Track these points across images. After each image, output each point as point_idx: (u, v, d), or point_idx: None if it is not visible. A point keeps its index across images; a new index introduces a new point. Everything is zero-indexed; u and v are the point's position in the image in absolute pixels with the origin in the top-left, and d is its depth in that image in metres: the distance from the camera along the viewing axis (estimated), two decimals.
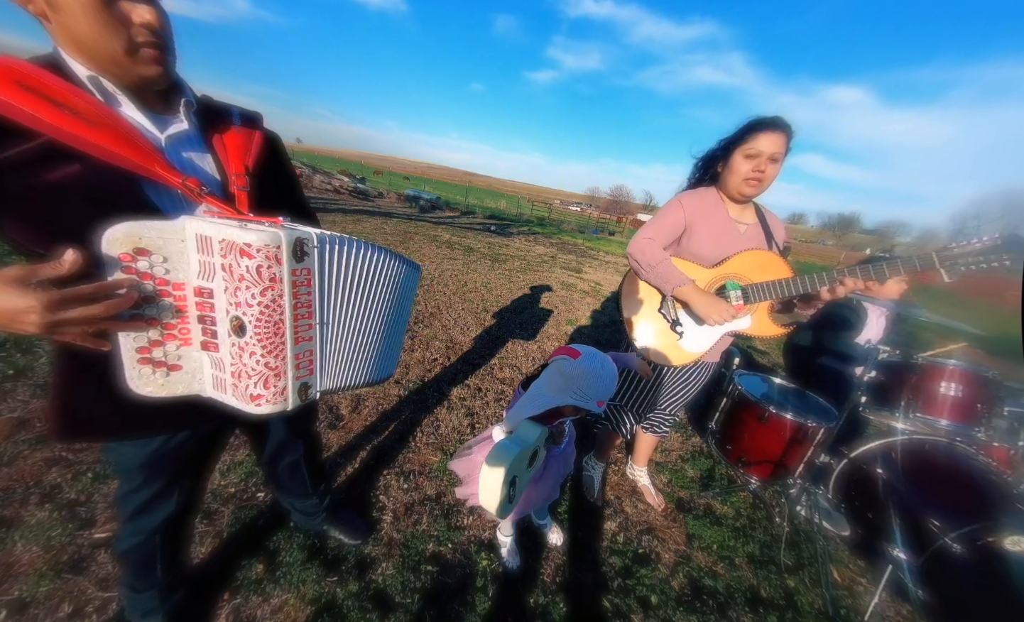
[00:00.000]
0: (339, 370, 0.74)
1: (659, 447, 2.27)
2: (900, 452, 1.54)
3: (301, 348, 0.66)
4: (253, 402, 0.62)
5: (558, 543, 1.48)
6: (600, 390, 1.00)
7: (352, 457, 1.73)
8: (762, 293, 1.21)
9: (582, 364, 1.00)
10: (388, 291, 0.77)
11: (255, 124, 0.78)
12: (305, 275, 0.62)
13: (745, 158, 1.19)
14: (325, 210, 8.82)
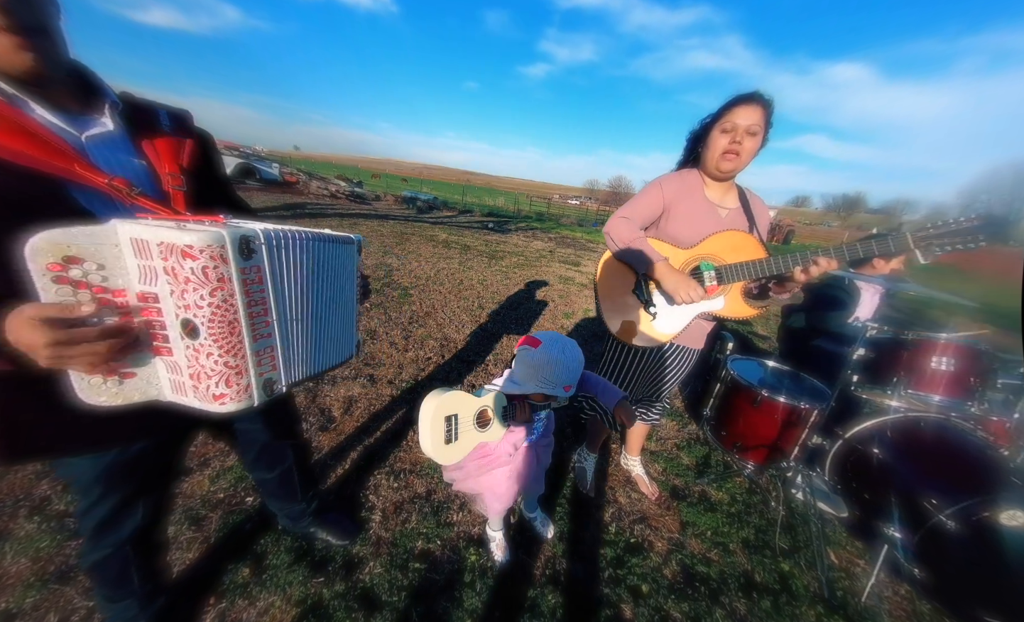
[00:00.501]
0: (302, 360, 0.74)
1: (653, 436, 2.25)
2: (894, 430, 1.51)
3: (261, 345, 0.65)
4: (217, 401, 0.61)
5: (549, 536, 1.47)
6: (564, 376, 1.02)
7: (343, 458, 1.73)
8: (735, 274, 1.20)
9: (542, 352, 1.02)
10: (336, 275, 0.79)
11: (185, 123, 0.77)
12: (255, 272, 0.62)
13: (722, 133, 1.17)
14: (322, 215, 8.85)
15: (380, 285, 4.35)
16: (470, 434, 1.05)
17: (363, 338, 0.97)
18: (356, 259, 0.87)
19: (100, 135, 0.64)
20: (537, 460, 1.29)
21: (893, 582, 1.46)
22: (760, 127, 1.14)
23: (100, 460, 0.73)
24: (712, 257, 1.24)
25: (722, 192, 1.29)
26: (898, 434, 1.51)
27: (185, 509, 1.37)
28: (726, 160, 1.17)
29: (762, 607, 1.32)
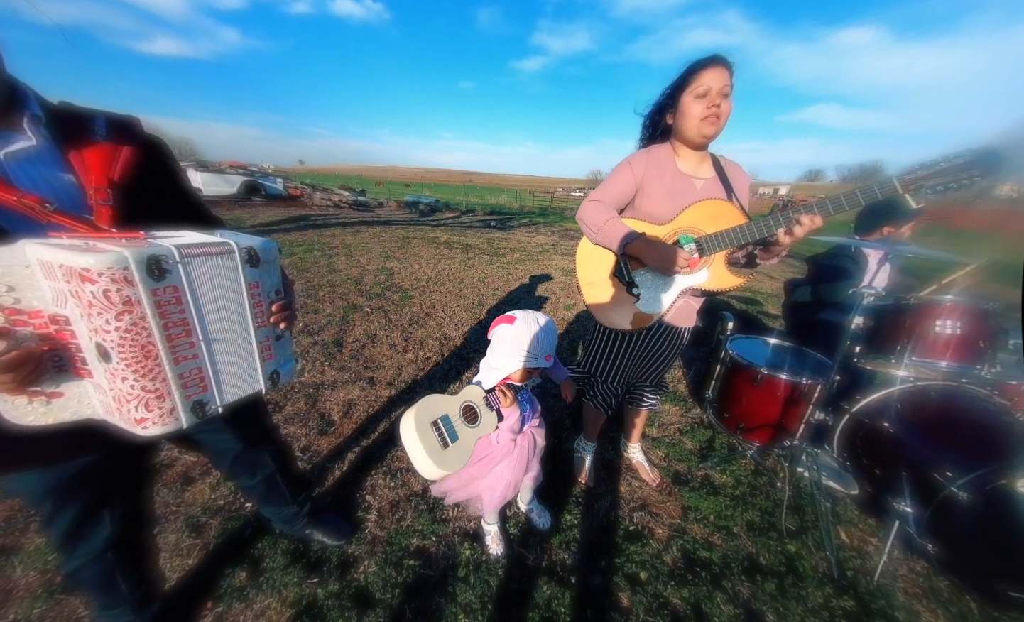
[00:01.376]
0: (239, 378, 0.73)
1: (655, 422, 2.21)
2: (903, 401, 1.44)
3: (185, 367, 0.64)
4: (139, 425, 0.61)
5: (545, 526, 1.46)
6: (542, 345, 1.04)
7: (341, 461, 1.75)
8: (716, 243, 1.15)
9: (521, 327, 1.04)
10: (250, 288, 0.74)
11: (127, 130, 0.74)
12: (171, 293, 0.60)
13: (696, 99, 1.12)
14: (326, 225, 8.97)
15: (381, 289, 4.39)
16: (465, 432, 1.02)
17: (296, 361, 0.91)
18: (247, 268, 0.74)
19: (20, 151, 0.62)
20: (534, 444, 1.27)
21: (908, 559, 1.40)
22: (730, 89, 1.10)
23: (44, 476, 0.73)
24: (691, 229, 1.20)
25: (696, 162, 1.24)
26: (907, 405, 1.44)
27: (186, 517, 1.40)
28: (708, 124, 1.12)
29: (766, 590, 1.28)
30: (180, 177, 0.86)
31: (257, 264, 0.75)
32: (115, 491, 0.85)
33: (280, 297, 0.83)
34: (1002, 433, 1.24)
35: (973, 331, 1.36)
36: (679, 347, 1.48)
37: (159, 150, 0.81)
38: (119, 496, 0.86)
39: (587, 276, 1.36)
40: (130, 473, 0.88)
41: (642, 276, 1.26)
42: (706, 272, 1.20)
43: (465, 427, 1.02)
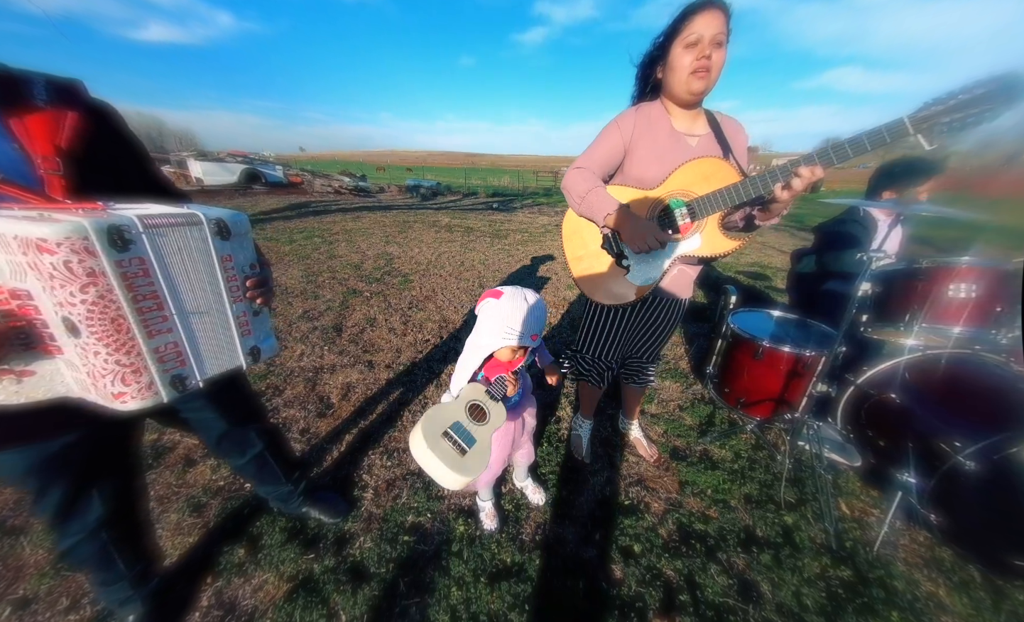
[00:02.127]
0: (219, 353, 0.71)
1: (654, 397, 2.18)
2: (912, 370, 1.38)
3: (160, 341, 0.62)
4: (117, 400, 0.60)
5: (540, 502, 1.46)
6: (529, 324, 1.00)
7: (339, 442, 1.77)
8: (709, 205, 1.07)
9: (505, 302, 0.99)
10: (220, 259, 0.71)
11: (71, 94, 0.69)
12: (138, 265, 0.58)
13: (685, 48, 1.02)
14: (326, 212, 8.91)
15: (381, 274, 4.37)
16: (479, 431, 1.00)
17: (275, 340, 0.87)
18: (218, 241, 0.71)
19: None
20: (523, 424, 1.26)
21: (909, 529, 1.37)
22: (725, 36, 1.00)
23: (25, 455, 0.74)
24: (682, 192, 1.12)
25: (690, 119, 1.16)
26: (916, 374, 1.38)
27: (188, 497, 1.43)
28: (697, 79, 1.03)
29: (762, 561, 1.27)
30: (136, 147, 0.82)
31: (228, 236, 0.73)
32: (102, 469, 0.85)
33: (255, 272, 0.81)
34: (1016, 401, 1.18)
35: (991, 294, 1.29)
36: (676, 319, 1.43)
37: (109, 116, 0.76)
38: (107, 474, 0.87)
39: (574, 250, 1.30)
40: (116, 451, 0.89)
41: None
42: (699, 237, 1.13)
43: (477, 427, 1.00)
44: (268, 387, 2.14)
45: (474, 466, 0.93)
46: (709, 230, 1.12)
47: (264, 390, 2.11)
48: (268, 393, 2.09)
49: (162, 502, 1.41)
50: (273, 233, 6.10)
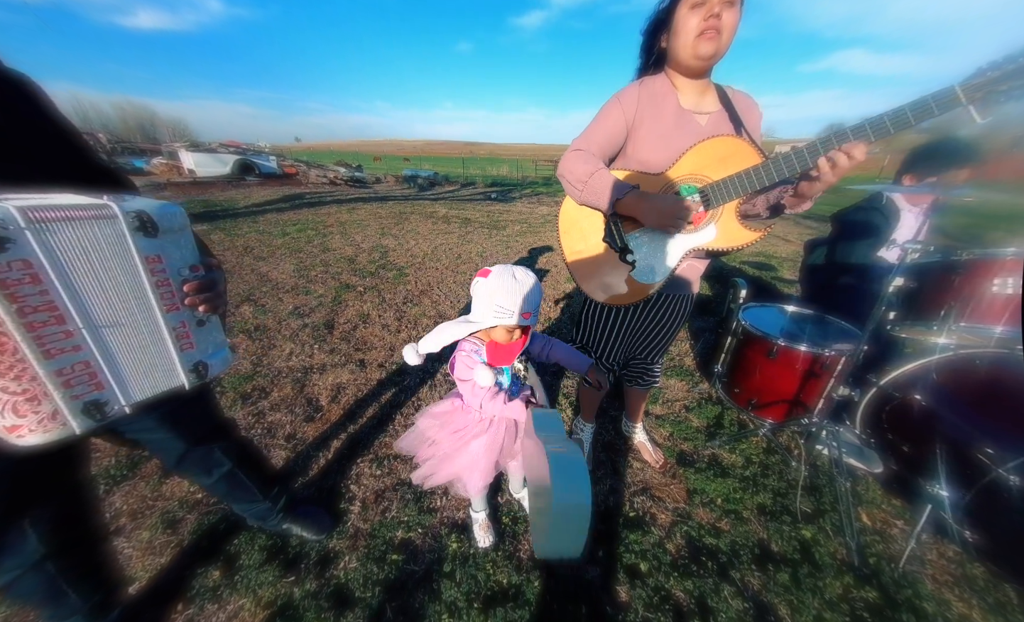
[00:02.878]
0: (150, 372, 0.60)
1: (659, 397, 2.08)
2: (942, 372, 1.27)
3: (64, 361, 0.51)
4: (12, 434, 0.49)
5: None
6: (520, 301, 0.91)
7: (326, 448, 1.67)
8: (727, 191, 0.94)
9: (493, 280, 0.92)
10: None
11: None
12: (21, 270, 0.47)
13: (692, 9, 0.89)
14: (321, 203, 8.73)
15: (375, 268, 4.25)
16: None
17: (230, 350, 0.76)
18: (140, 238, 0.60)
19: None
20: (515, 428, 1.16)
21: (939, 544, 1.28)
22: None
23: None
24: (693, 177, 0.99)
25: (698, 94, 1.02)
26: (947, 376, 1.27)
27: (162, 512, 1.34)
28: (706, 41, 0.89)
29: (779, 581, 1.18)
30: (66, 130, 0.70)
31: (154, 233, 0.61)
32: (33, 501, 0.74)
33: (196, 275, 0.69)
34: None
35: None
36: (683, 316, 1.31)
37: (25, 93, 0.64)
38: (41, 505, 0.76)
39: (572, 244, 1.17)
40: (52, 479, 0.78)
41: (637, 239, 1.07)
42: (713, 228, 1.00)
43: None
44: (254, 389, 2.04)
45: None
46: (725, 220, 0.99)
47: (250, 393, 2.01)
48: (254, 396, 1.99)
49: (134, 518, 1.32)
50: (266, 226, 5.95)
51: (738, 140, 0.96)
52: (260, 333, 2.64)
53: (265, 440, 1.68)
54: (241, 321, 2.79)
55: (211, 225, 5.72)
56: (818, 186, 0.90)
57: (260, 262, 4.20)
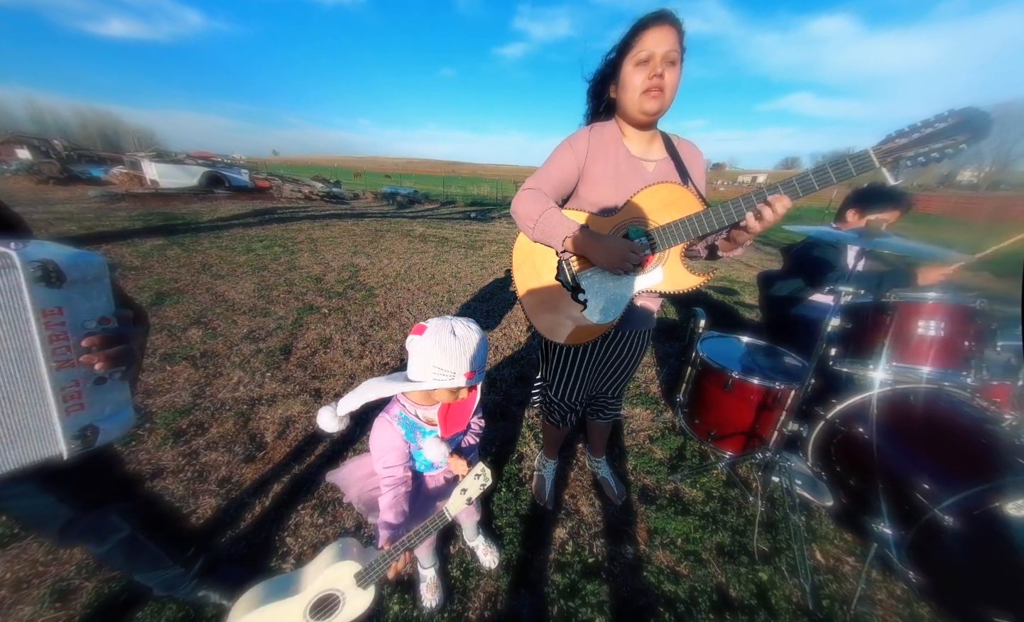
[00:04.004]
0: (17, 439, 0.52)
1: (624, 428, 2.06)
2: (881, 406, 1.31)
3: None
4: None
5: (492, 565, 1.28)
6: (461, 361, 0.83)
7: (264, 494, 1.52)
8: (672, 236, 0.97)
9: (428, 338, 0.84)
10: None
11: None
12: None
13: (636, 66, 0.94)
14: (293, 219, 8.48)
15: (343, 288, 4.11)
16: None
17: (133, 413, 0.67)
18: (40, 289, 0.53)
19: None
20: (448, 487, 1.08)
21: (887, 581, 1.29)
22: (678, 54, 0.92)
23: None
24: (641, 221, 1.01)
25: (646, 142, 1.07)
26: (886, 410, 1.31)
27: (55, 580, 1.15)
28: (650, 99, 0.94)
29: None
30: None
31: (58, 284, 0.55)
32: None
33: (102, 328, 0.61)
34: (988, 444, 1.12)
35: (958, 332, 1.24)
36: (642, 351, 1.31)
37: None
38: None
39: (525, 280, 1.16)
40: None
41: (588, 278, 1.07)
42: (661, 271, 1.01)
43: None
44: (190, 424, 1.87)
45: None
46: (672, 263, 1.01)
47: (184, 429, 1.83)
48: (189, 432, 1.81)
49: (18, 589, 1.13)
50: (229, 241, 5.67)
51: (681, 188, 0.99)
52: (206, 360, 2.45)
53: (194, 486, 1.51)
54: (186, 346, 2.58)
55: (168, 240, 5.40)
56: (746, 235, 0.95)
57: (218, 280, 3.97)
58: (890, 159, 0.78)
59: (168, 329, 2.78)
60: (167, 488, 1.49)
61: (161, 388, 2.12)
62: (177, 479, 1.54)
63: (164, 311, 3.08)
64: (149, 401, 2.00)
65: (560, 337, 1.11)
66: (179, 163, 12.85)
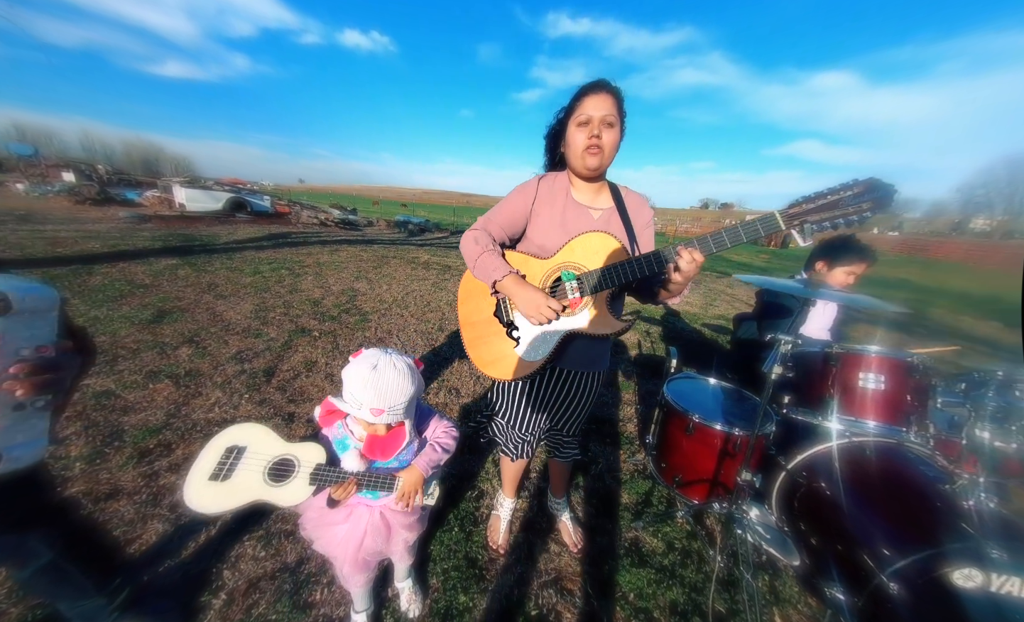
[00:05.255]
0: None
1: (594, 467, 2.00)
2: (841, 459, 1.25)
3: None
4: None
5: (414, 614, 1.22)
6: (369, 394, 0.86)
7: (212, 521, 1.51)
8: (597, 282, 1.02)
9: (353, 363, 0.88)
10: None
11: None
12: None
13: (578, 127, 1.04)
14: (305, 243, 8.83)
15: (339, 312, 4.21)
16: (251, 481, 0.88)
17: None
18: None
19: None
20: (388, 528, 1.07)
21: None
22: (615, 117, 1.02)
23: None
24: (574, 266, 1.06)
25: (593, 192, 1.15)
26: (844, 464, 1.25)
27: None
28: (590, 156, 1.04)
29: None
30: None
31: (5, 311, 0.60)
32: None
33: (35, 356, 0.65)
34: (939, 506, 1.05)
35: (898, 386, 1.20)
36: (591, 393, 1.31)
37: None
38: None
39: (467, 314, 1.20)
40: None
41: (521, 317, 1.11)
42: (587, 314, 1.05)
43: (259, 477, 0.89)
44: (158, 444, 1.89)
45: (203, 497, 0.85)
46: (597, 308, 1.04)
47: (151, 449, 1.86)
48: (154, 453, 1.84)
49: None
50: (240, 263, 5.92)
51: (609, 237, 1.04)
52: (190, 379, 2.51)
53: (146, 509, 1.52)
54: (173, 364, 2.66)
55: (182, 259, 5.68)
56: (677, 284, 0.97)
57: (220, 300, 4.12)
58: (796, 222, 0.82)
59: (160, 347, 2.88)
60: (118, 510, 1.49)
61: (139, 406, 2.17)
62: (131, 501, 1.55)
63: (161, 329, 3.20)
64: (124, 419, 2.04)
65: (493, 371, 1.14)
66: (207, 189, 13.68)
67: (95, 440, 1.85)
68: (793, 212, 0.81)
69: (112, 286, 4.09)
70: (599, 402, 2.71)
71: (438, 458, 1.09)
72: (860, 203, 0.75)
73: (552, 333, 1.07)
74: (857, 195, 0.75)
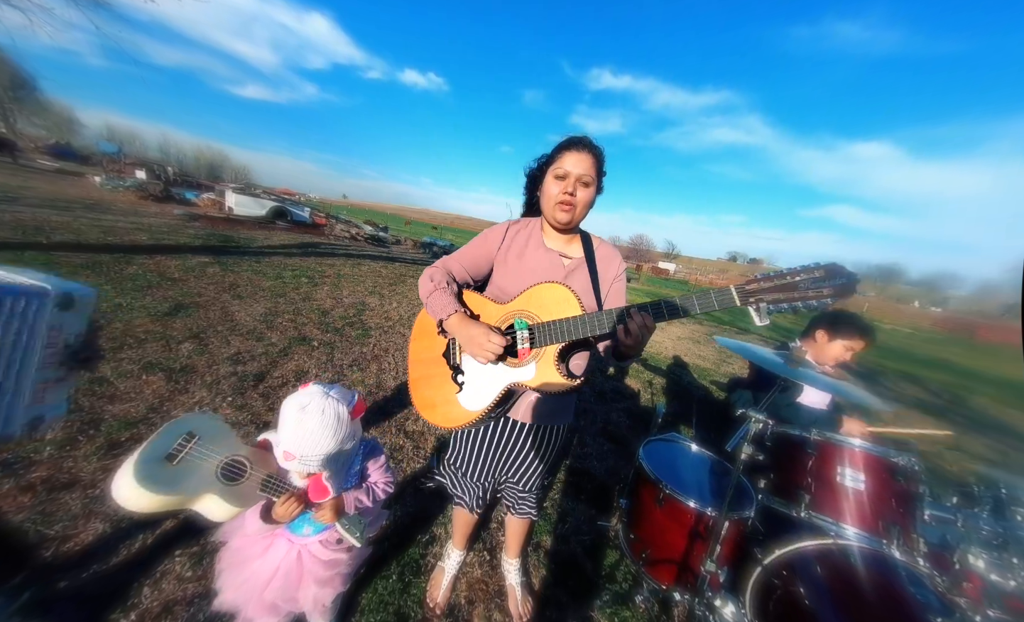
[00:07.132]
0: None
1: (560, 527, 1.83)
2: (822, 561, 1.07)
3: None
4: None
5: None
6: (286, 435, 0.83)
7: (152, 528, 1.47)
8: (548, 334, 0.96)
9: (286, 401, 0.86)
10: None
11: None
12: None
13: (555, 179, 1.04)
14: (332, 254, 9.26)
15: (343, 324, 4.30)
16: (204, 473, 0.83)
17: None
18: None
19: None
20: (300, 576, 0.99)
21: None
22: (592, 178, 1.01)
23: None
24: (528, 315, 1.02)
25: (564, 241, 1.13)
26: (825, 568, 1.06)
27: None
28: (561, 210, 1.03)
29: None
30: None
31: (68, 308, 0.76)
32: None
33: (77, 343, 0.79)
34: None
35: (881, 488, 1.02)
36: (549, 447, 1.23)
37: None
38: None
39: (418, 351, 1.17)
40: None
41: (468, 362, 1.06)
42: (534, 367, 0.98)
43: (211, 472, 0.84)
44: (130, 438, 1.92)
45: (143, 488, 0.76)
46: (545, 361, 0.98)
47: (123, 441, 1.89)
48: (124, 445, 1.86)
49: None
50: (265, 267, 6.24)
51: (565, 290, 0.99)
52: (182, 375, 2.58)
53: (93, 506, 1.51)
54: (172, 358, 2.75)
55: (214, 258, 6.04)
56: (624, 349, 0.91)
57: (236, 301, 4.31)
58: (752, 300, 0.76)
59: (166, 340, 3.00)
60: (67, 503, 1.49)
61: (126, 396, 2.23)
62: (83, 494, 1.55)
63: (173, 322, 3.36)
64: (108, 407, 2.10)
65: (431, 415, 1.08)
66: (255, 196, 14.83)
67: (72, 426, 1.90)
68: (750, 289, 0.76)
69: (143, 277, 4.38)
70: (580, 454, 2.54)
71: (366, 504, 1.03)
72: (820, 288, 0.68)
73: (493, 383, 1.01)
74: (817, 280, 0.69)
